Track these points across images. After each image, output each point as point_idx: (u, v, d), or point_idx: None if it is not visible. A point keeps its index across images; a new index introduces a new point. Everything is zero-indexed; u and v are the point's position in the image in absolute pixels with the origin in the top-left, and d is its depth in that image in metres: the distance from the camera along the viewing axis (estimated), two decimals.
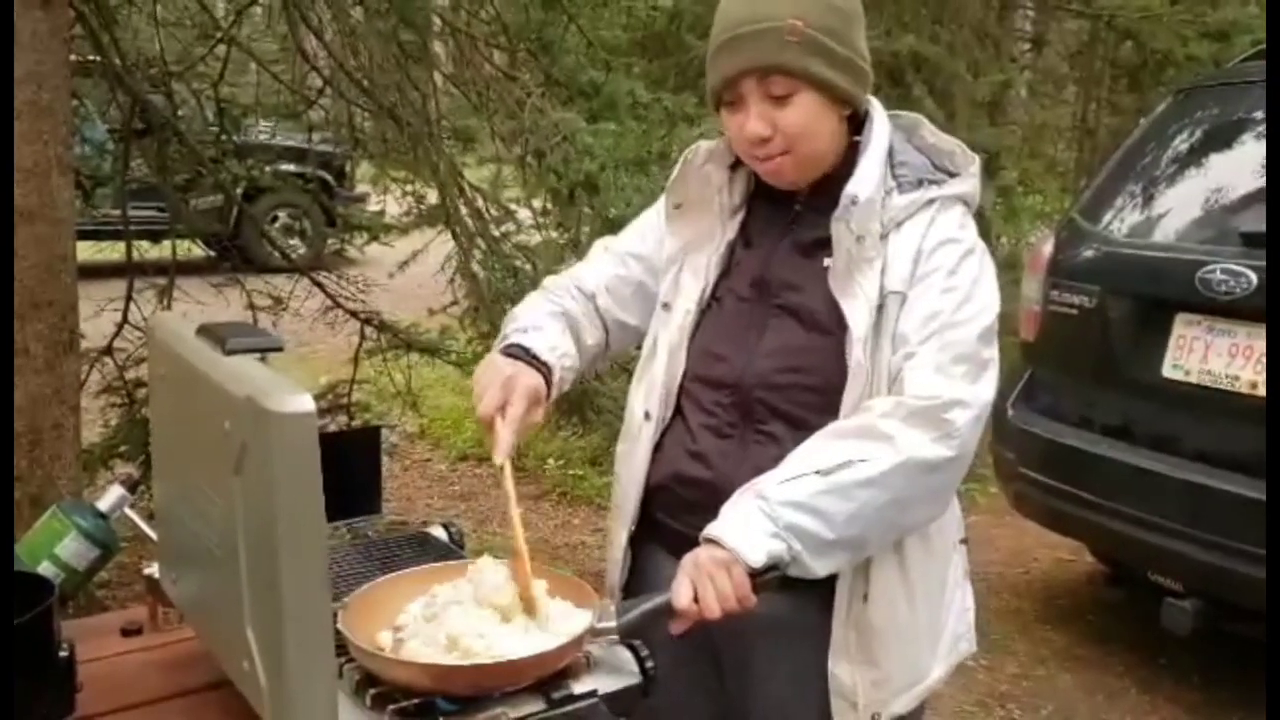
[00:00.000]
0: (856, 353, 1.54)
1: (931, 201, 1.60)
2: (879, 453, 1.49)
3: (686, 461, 1.68)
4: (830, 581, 1.57)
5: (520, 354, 1.68)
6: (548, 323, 1.75)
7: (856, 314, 1.55)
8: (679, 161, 1.75)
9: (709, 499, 1.61)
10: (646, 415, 1.74)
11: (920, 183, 1.60)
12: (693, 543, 1.57)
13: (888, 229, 1.57)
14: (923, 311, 1.55)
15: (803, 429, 1.58)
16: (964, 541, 1.77)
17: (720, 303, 1.71)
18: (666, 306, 1.75)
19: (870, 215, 1.55)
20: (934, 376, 1.52)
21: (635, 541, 1.77)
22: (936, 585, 1.68)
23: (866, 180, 1.57)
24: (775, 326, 1.64)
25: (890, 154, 1.61)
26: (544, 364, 1.68)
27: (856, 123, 1.65)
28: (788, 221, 1.68)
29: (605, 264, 1.84)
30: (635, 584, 1.76)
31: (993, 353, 1.59)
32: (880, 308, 1.55)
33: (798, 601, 1.56)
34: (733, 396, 1.65)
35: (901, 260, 1.56)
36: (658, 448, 1.73)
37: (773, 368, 1.62)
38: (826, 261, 1.60)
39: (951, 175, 1.64)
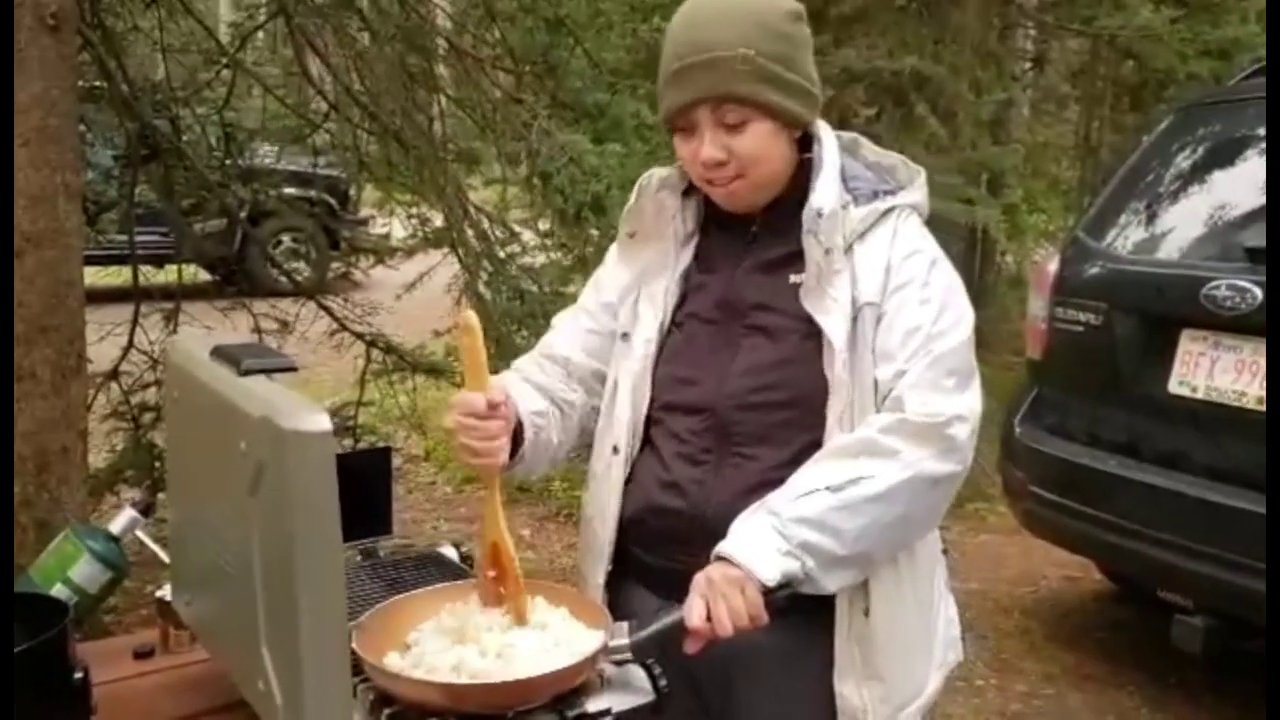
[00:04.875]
0: (838, 366, 1.55)
1: (889, 211, 1.62)
2: (886, 469, 1.50)
3: (660, 492, 1.67)
4: (825, 604, 1.57)
5: None
6: (511, 387, 1.67)
7: (834, 327, 1.56)
8: (634, 190, 1.75)
9: (685, 529, 1.61)
10: (614, 449, 1.71)
11: (875, 194, 1.63)
12: (671, 575, 1.58)
13: (850, 240, 1.59)
14: (904, 325, 1.56)
15: (781, 447, 1.59)
16: (945, 552, 1.77)
17: (682, 328, 1.71)
18: (625, 337, 1.73)
19: (834, 228, 1.57)
20: (931, 394, 1.53)
21: (611, 580, 1.74)
22: (927, 594, 1.69)
23: (827, 194, 1.58)
24: (747, 346, 1.64)
25: (841, 169, 1.63)
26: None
27: (804, 141, 1.66)
28: (745, 243, 1.68)
29: (573, 326, 1.81)
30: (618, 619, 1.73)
31: (974, 360, 1.62)
32: (855, 319, 1.56)
33: (786, 629, 1.53)
34: (707, 421, 1.64)
35: (871, 272, 1.58)
36: (628, 480, 1.71)
37: (747, 387, 1.62)
38: (793, 278, 1.61)
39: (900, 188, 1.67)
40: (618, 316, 1.76)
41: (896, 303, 1.57)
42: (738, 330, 1.65)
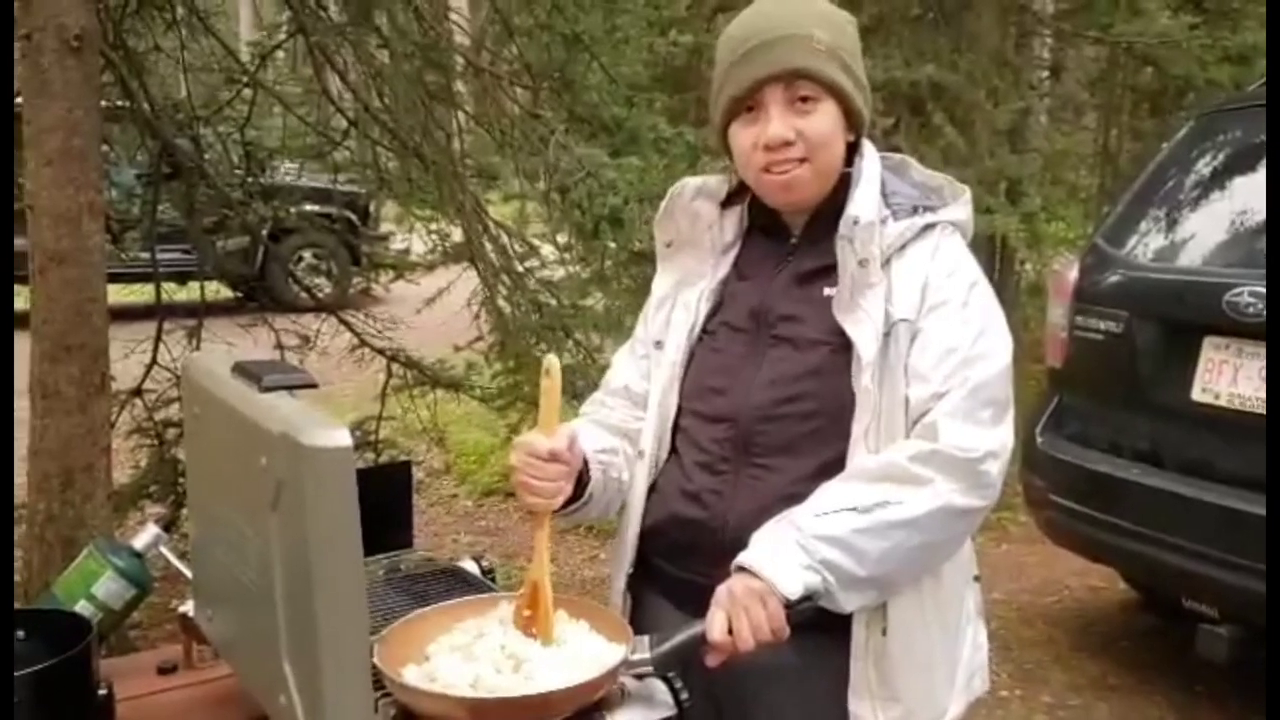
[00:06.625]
0: (865, 380, 1.53)
1: (929, 227, 1.61)
2: (915, 496, 1.49)
3: (681, 502, 1.67)
4: (843, 622, 1.56)
5: None
6: (579, 431, 1.69)
7: (863, 338, 1.54)
8: (666, 198, 1.76)
9: (704, 540, 1.61)
10: (640, 454, 1.72)
11: (915, 209, 1.62)
12: (690, 588, 1.58)
13: (888, 254, 1.58)
14: (940, 345, 1.55)
15: (803, 459, 1.58)
16: (977, 578, 1.75)
17: (714, 336, 1.71)
18: (659, 345, 1.75)
19: (870, 238, 1.56)
20: (967, 426, 1.52)
21: (634, 586, 1.75)
22: (952, 617, 1.67)
23: (865, 203, 1.58)
24: (774, 356, 1.64)
25: (882, 184, 1.63)
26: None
27: (846, 157, 1.66)
28: (784, 255, 1.68)
29: (628, 359, 1.84)
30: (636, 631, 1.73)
31: (1011, 390, 1.60)
32: (887, 335, 1.55)
33: (804, 647, 1.52)
34: (730, 431, 1.63)
35: (908, 287, 1.57)
36: (653, 488, 1.72)
37: (772, 399, 1.61)
38: (827, 290, 1.61)
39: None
40: (652, 327, 1.77)
41: (933, 321, 1.56)
42: (765, 340, 1.65)
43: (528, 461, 1.53)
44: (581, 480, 1.62)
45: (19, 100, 2.93)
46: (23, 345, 2.70)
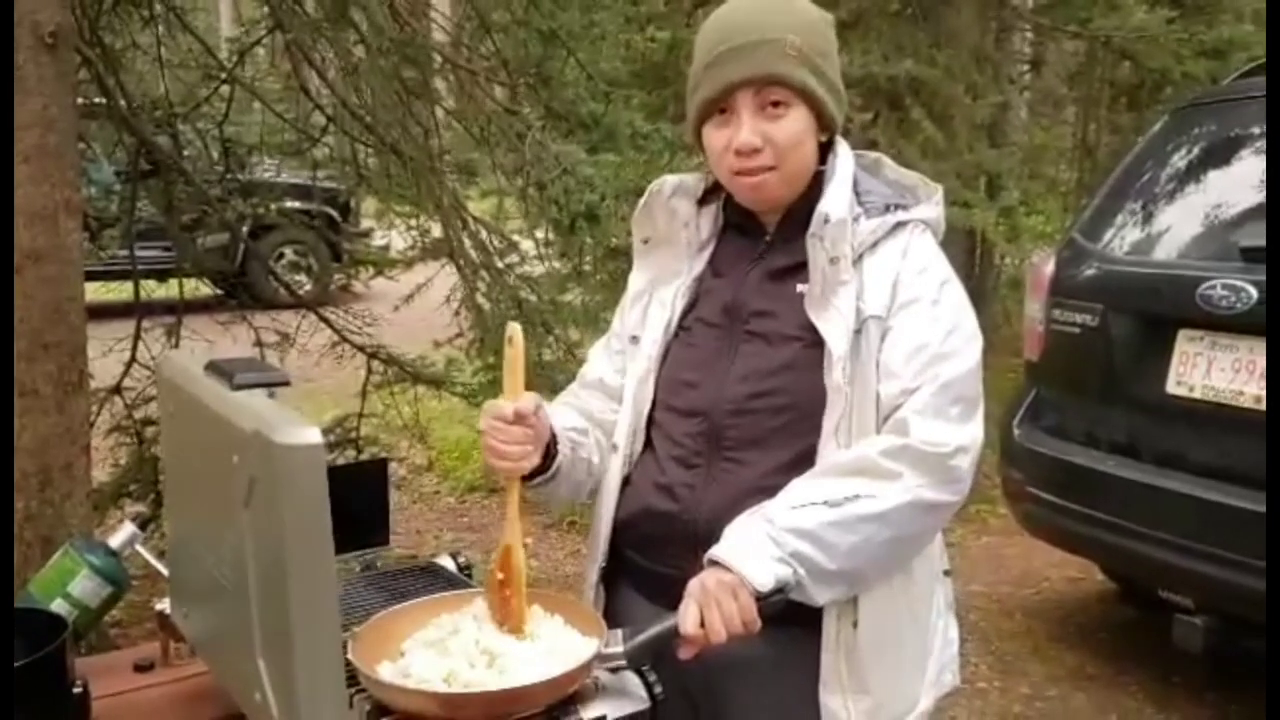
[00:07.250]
0: (836, 375, 1.55)
1: (901, 225, 1.63)
2: (886, 490, 1.51)
3: (654, 495, 1.68)
4: (814, 615, 1.57)
5: None
6: (551, 408, 1.72)
7: (834, 334, 1.56)
8: (644, 196, 1.77)
9: (676, 533, 1.63)
10: (614, 447, 1.74)
11: (887, 208, 1.63)
12: (663, 580, 1.59)
13: (860, 252, 1.60)
14: (911, 342, 1.56)
15: (774, 453, 1.60)
16: (947, 573, 1.77)
17: (689, 331, 1.72)
18: (635, 340, 1.76)
19: (842, 236, 1.57)
20: (937, 422, 1.53)
21: (606, 580, 1.76)
22: (923, 611, 1.68)
23: (836, 201, 1.59)
24: (746, 351, 1.65)
25: (855, 183, 1.65)
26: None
27: (821, 154, 1.68)
28: (758, 252, 1.70)
29: (603, 353, 1.85)
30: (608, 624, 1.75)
31: (980, 387, 1.62)
32: (858, 332, 1.56)
33: (776, 640, 1.53)
34: (703, 424, 1.65)
35: (879, 284, 1.58)
36: (627, 482, 1.73)
37: (745, 393, 1.63)
38: (800, 287, 1.62)
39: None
40: (627, 322, 1.79)
41: (904, 318, 1.57)
42: (738, 335, 1.66)
43: (493, 425, 1.56)
44: (550, 453, 1.64)
45: None
46: None
